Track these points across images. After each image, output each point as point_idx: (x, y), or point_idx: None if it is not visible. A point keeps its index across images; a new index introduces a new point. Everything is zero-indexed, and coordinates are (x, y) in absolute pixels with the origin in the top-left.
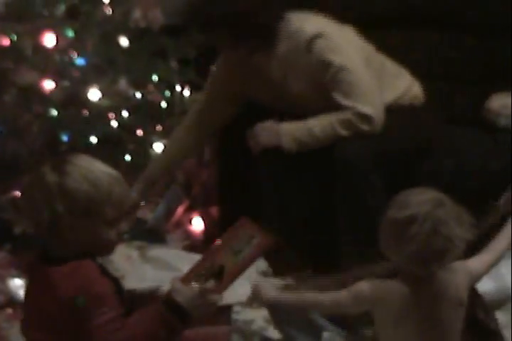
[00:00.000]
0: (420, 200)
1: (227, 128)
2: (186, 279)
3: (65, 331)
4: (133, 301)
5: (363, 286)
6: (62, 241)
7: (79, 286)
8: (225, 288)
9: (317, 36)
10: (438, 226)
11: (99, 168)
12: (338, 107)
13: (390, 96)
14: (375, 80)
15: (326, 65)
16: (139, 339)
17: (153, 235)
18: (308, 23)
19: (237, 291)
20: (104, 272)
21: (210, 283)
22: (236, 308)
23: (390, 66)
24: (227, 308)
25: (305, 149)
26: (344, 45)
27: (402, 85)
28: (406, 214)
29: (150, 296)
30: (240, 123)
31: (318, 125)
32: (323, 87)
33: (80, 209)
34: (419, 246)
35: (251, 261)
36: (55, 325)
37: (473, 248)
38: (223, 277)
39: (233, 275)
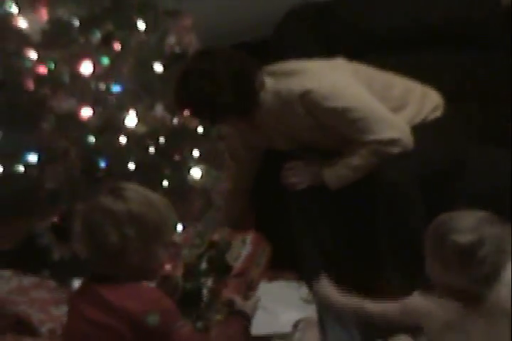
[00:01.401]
0: (478, 222)
1: None
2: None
3: None
4: None
5: (415, 299)
6: (121, 265)
7: (148, 304)
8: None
9: (305, 93)
10: (503, 245)
11: (151, 194)
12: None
13: (409, 111)
14: (383, 103)
15: (330, 113)
16: None
17: None
18: (293, 80)
19: (279, 320)
20: None
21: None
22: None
23: (399, 82)
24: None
25: (345, 184)
26: (336, 86)
27: (417, 98)
28: (472, 238)
29: None
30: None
31: (354, 160)
32: (334, 131)
33: (147, 232)
34: (490, 267)
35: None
36: None
37: None
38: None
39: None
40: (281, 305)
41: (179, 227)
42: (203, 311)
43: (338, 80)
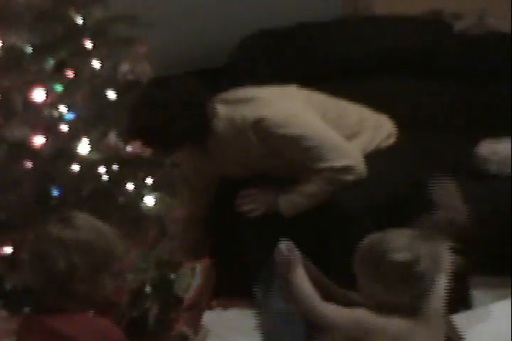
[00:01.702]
0: (411, 240)
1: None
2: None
3: None
4: None
5: (365, 315)
6: (68, 294)
7: (98, 337)
8: None
9: (259, 121)
10: (436, 259)
11: (100, 223)
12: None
13: (363, 139)
14: (336, 131)
15: (284, 141)
16: None
17: None
18: (246, 108)
19: None
20: None
21: None
22: None
23: (353, 110)
24: None
25: (300, 212)
26: (290, 114)
27: (370, 126)
28: (409, 256)
29: None
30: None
31: (309, 187)
32: (288, 159)
33: (94, 261)
34: (428, 281)
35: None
36: None
37: None
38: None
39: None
40: (235, 332)
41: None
42: None
43: (291, 108)
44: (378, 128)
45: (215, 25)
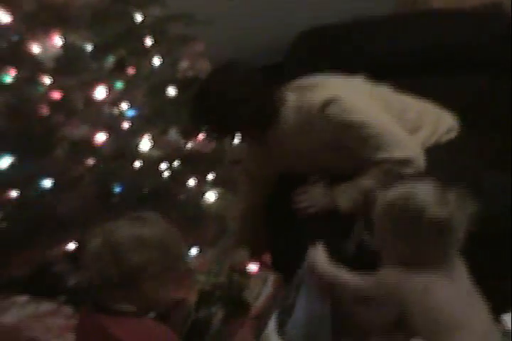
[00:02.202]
0: (440, 194)
1: None
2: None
3: None
4: None
5: (389, 276)
6: (133, 293)
7: None
8: None
9: (326, 103)
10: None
11: (168, 224)
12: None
13: (423, 133)
14: (399, 123)
15: (346, 127)
16: None
17: None
18: (314, 93)
19: None
20: None
21: None
22: None
23: (414, 104)
24: None
25: (358, 207)
26: (356, 101)
27: (431, 120)
28: (447, 211)
29: None
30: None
31: (367, 181)
32: (349, 149)
33: (166, 259)
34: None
35: None
36: None
37: None
38: None
39: None
40: None
41: (193, 252)
42: None
43: (357, 96)
44: (439, 123)
45: (272, 22)
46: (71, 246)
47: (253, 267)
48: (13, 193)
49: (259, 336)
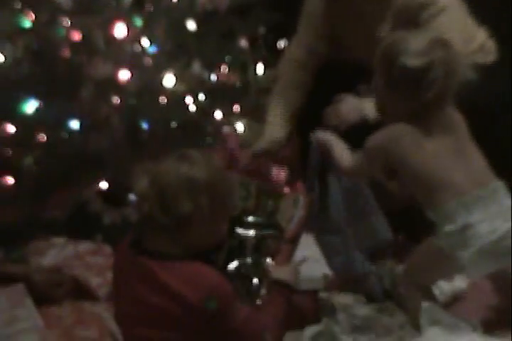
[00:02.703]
0: (429, 45)
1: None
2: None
3: (189, 331)
4: None
5: (373, 138)
6: (183, 237)
7: (206, 291)
8: None
9: None
10: (452, 67)
11: (217, 163)
12: None
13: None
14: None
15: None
16: (276, 322)
17: None
18: None
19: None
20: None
21: None
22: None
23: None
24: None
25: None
26: None
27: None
28: (422, 62)
29: None
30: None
31: None
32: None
33: (218, 203)
34: (439, 89)
35: None
36: (175, 323)
37: None
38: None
39: None
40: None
41: None
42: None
43: None
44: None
45: None
46: (104, 185)
47: (283, 188)
48: (43, 136)
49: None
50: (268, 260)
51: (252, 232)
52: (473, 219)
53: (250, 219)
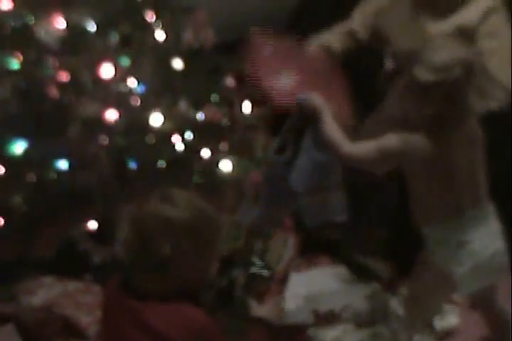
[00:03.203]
0: (451, 63)
1: None
2: None
3: None
4: None
5: (391, 140)
6: (167, 279)
7: (193, 333)
8: None
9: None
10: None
11: (202, 202)
12: None
13: None
14: None
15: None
16: None
17: None
18: None
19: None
20: None
21: None
22: None
23: None
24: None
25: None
26: None
27: None
28: (434, 77)
29: None
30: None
31: None
32: None
33: (201, 244)
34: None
35: None
36: None
37: None
38: None
39: None
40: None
41: None
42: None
43: None
44: None
45: None
46: (93, 224)
47: (273, 229)
48: (31, 176)
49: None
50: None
51: (241, 271)
52: (467, 237)
53: (239, 258)
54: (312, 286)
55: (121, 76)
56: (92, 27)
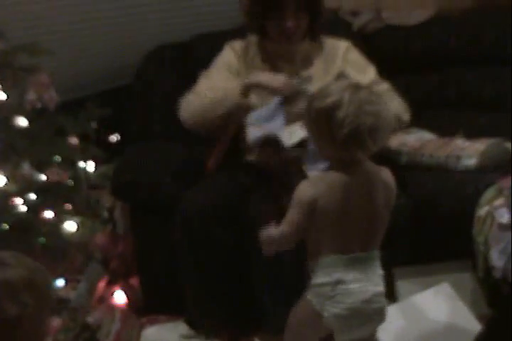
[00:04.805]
0: (339, 87)
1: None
2: None
3: None
4: None
5: (303, 189)
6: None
7: None
8: None
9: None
10: (362, 105)
11: (29, 259)
12: None
13: None
14: None
15: None
16: None
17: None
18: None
19: None
20: None
21: None
22: None
23: None
24: None
25: None
26: None
27: None
28: (330, 101)
29: None
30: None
31: None
32: None
33: (41, 298)
34: (352, 126)
35: None
36: None
37: None
38: None
39: None
40: None
41: (61, 283)
42: None
43: None
44: None
45: (118, 43)
46: None
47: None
48: None
49: None
50: None
51: None
52: (348, 277)
53: None
54: None
55: None
56: None
